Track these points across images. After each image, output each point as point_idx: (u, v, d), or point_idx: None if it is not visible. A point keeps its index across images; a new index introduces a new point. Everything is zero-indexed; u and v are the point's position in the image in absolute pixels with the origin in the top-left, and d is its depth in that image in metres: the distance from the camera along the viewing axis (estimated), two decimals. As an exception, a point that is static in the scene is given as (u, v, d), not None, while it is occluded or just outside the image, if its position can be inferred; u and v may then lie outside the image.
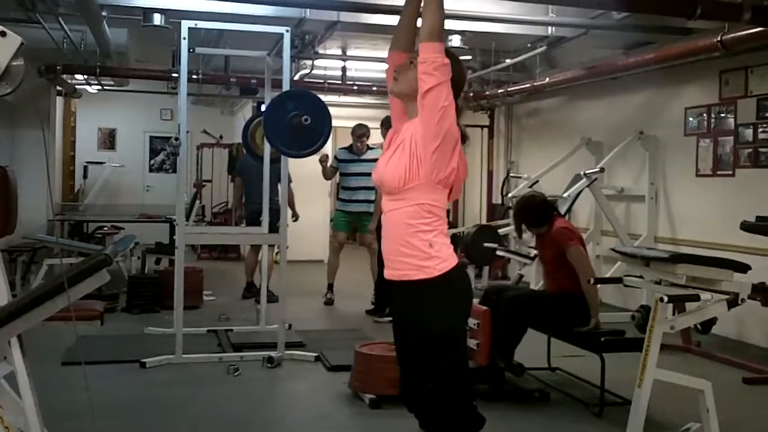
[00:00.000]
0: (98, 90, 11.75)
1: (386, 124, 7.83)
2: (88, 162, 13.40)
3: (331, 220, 8.90)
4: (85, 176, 13.37)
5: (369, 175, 7.43)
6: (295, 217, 8.35)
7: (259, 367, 5.45)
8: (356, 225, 7.98)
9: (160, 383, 5.08)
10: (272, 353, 5.54)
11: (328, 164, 8.00)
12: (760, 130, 6.60)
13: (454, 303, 2.56)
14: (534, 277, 7.70)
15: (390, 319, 7.10)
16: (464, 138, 2.59)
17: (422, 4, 2.56)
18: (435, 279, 2.51)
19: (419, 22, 2.59)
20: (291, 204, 8.10)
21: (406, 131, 2.58)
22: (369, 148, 7.85)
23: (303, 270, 9.95)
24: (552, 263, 5.07)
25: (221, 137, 13.41)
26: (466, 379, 2.60)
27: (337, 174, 8.15)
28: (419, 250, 2.52)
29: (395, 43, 2.77)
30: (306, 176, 9.14)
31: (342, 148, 8.13)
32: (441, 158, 2.49)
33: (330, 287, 8.19)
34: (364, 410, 4.54)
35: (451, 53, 2.54)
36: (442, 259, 2.52)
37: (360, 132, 7.84)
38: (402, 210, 2.54)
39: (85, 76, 10.16)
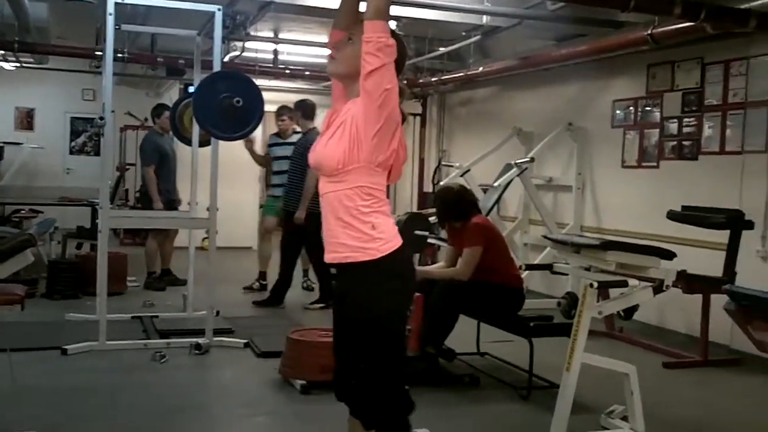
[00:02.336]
0: (16, 67, 11.28)
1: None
2: (4, 143, 12.89)
3: (261, 206, 8.75)
4: (0, 157, 12.89)
5: (293, 159, 7.38)
6: (159, 205, 7.84)
7: (186, 354, 5.36)
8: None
9: (83, 370, 4.94)
10: (200, 340, 5.44)
11: (261, 152, 7.87)
12: (684, 123, 6.78)
13: (397, 284, 2.53)
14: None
15: (321, 306, 7.07)
16: (404, 118, 2.56)
17: None
18: (378, 260, 2.47)
19: (362, 6, 2.51)
20: (151, 191, 7.82)
21: (347, 112, 2.52)
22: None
23: (232, 256, 9.82)
24: None
25: (146, 119, 13.08)
26: (401, 363, 2.58)
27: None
28: (361, 232, 2.48)
29: (337, 22, 2.68)
30: (234, 160, 8.98)
31: (273, 134, 8.03)
32: (381, 141, 2.44)
33: (261, 275, 8.02)
34: (294, 396, 4.51)
35: (396, 34, 2.47)
36: (385, 240, 2.49)
37: (278, 113, 7.78)
38: (341, 192, 2.49)
39: (2, 52, 9.75)
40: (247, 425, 4.14)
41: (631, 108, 7.40)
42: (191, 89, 6.63)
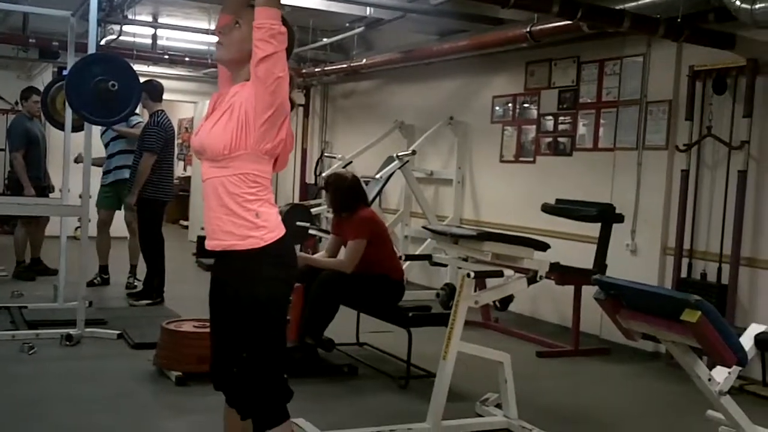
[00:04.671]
0: None
1: None
2: None
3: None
4: None
5: (123, 138, 7.10)
6: (29, 192, 7.44)
7: (56, 346, 5.16)
8: (120, 197, 7.30)
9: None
10: (71, 331, 5.25)
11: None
12: (559, 120, 7.00)
13: (279, 273, 2.50)
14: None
15: (148, 302, 6.79)
16: (292, 106, 2.52)
17: None
18: (262, 248, 2.43)
19: None
20: (21, 177, 7.47)
21: (234, 96, 2.45)
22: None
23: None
24: None
25: (17, 103, 12.46)
26: (281, 351, 2.55)
27: None
28: (245, 219, 2.43)
29: (225, 6, 2.61)
30: (98, 146, 8.66)
31: None
32: (270, 129, 2.40)
33: (102, 269, 7.56)
34: (169, 387, 4.40)
35: (286, 21, 2.42)
36: (270, 229, 2.45)
37: None
38: (225, 178, 2.43)
39: None
40: (120, 417, 4.00)
41: (510, 104, 7.58)
42: (66, 73, 6.34)
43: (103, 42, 8.51)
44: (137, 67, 6.17)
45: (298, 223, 7.42)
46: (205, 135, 2.47)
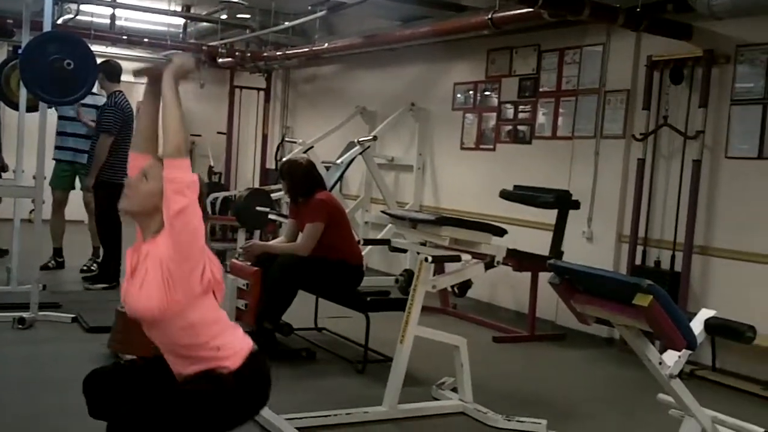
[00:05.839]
0: None
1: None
2: None
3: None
4: None
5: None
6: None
7: (9, 329, 5.08)
8: (74, 177, 7.23)
9: None
10: (24, 314, 5.16)
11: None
12: (519, 108, 7.05)
13: (242, 402, 2.43)
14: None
15: (104, 286, 6.64)
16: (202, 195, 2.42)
17: (162, 115, 2.41)
18: (229, 375, 2.39)
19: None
20: None
21: (150, 255, 2.38)
22: (92, 93, 6.84)
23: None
24: None
25: (-30, 83, 12.21)
26: None
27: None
28: (208, 358, 2.39)
29: (135, 145, 2.60)
30: (53, 128, 8.50)
31: None
32: (194, 275, 2.34)
33: (57, 252, 7.41)
34: (123, 371, 4.34)
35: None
36: (235, 352, 2.42)
37: None
38: (173, 335, 2.39)
39: None
40: (72, 401, 3.94)
41: (471, 91, 7.61)
42: (20, 51, 6.20)
43: (60, 21, 8.36)
44: (95, 48, 6.07)
45: (258, 208, 7.42)
46: (135, 302, 2.39)
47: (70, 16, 8.59)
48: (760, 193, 5.15)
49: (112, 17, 9.57)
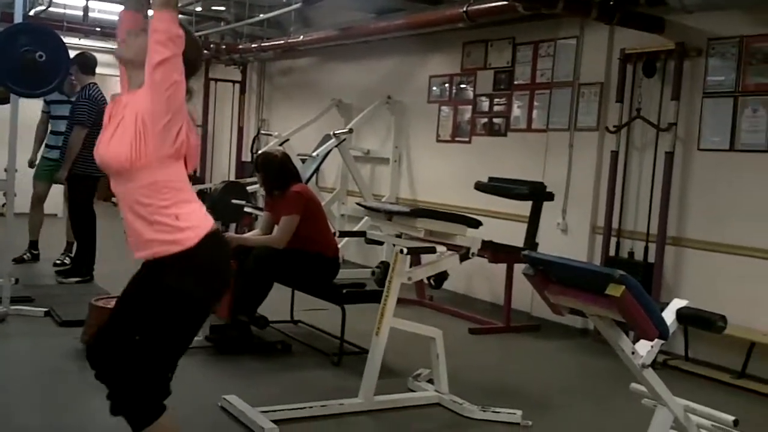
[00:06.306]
0: None
1: None
2: None
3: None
4: None
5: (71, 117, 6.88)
6: None
7: (-21, 324, 5.03)
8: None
9: None
10: (-5, 308, 5.12)
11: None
12: (495, 101, 7.07)
13: (210, 274, 2.46)
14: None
15: (77, 280, 6.57)
16: (189, 92, 2.47)
17: None
18: (192, 249, 2.39)
19: None
20: None
21: (129, 106, 2.41)
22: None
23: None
24: None
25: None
26: (181, 349, 2.48)
27: None
28: (166, 225, 2.38)
29: (128, 3, 2.58)
30: (28, 121, 8.41)
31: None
32: (169, 134, 2.35)
33: (32, 245, 7.31)
34: (97, 365, 4.32)
35: (186, 28, 2.40)
36: (194, 226, 2.41)
37: None
38: (135, 191, 2.39)
39: None
40: (47, 394, 3.92)
41: (447, 84, 7.62)
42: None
43: (32, 13, 8.27)
44: (68, 40, 6.01)
45: (234, 201, 7.39)
46: (105, 150, 2.42)
47: (43, 7, 8.50)
48: (732, 184, 5.21)
49: (85, 9, 9.48)
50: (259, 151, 7.56)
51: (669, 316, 2.97)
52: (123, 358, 2.45)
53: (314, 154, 7.92)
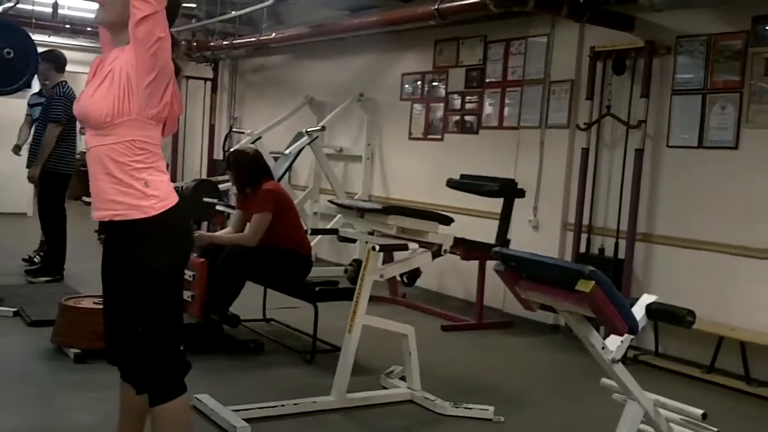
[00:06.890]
0: None
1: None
2: None
3: None
4: None
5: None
6: None
7: (-54, 324, 4.96)
8: None
9: None
10: (-38, 308, 5.05)
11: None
12: (467, 99, 7.09)
13: (172, 243, 2.45)
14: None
15: (47, 279, 6.53)
16: (178, 70, 2.47)
17: None
18: (152, 218, 2.36)
19: None
20: None
21: (115, 60, 2.38)
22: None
23: (4, 223, 9.14)
24: None
25: None
26: (176, 323, 2.50)
27: None
28: (134, 188, 2.36)
29: None
30: (7, 119, 8.33)
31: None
32: (154, 93, 2.34)
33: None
34: (67, 365, 4.29)
35: None
36: (161, 198, 2.39)
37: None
38: (110, 147, 2.35)
39: None
40: (16, 396, 3.88)
41: (419, 82, 7.63)
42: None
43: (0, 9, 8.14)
44: (36, 37, 5.95)
45: (205, 199, 7.35)
46: (87, 101, 2.39)
47: (11, 4, 8.34)
48: (700, 181, 5.27)
49: (55, 6, 9.36)
50: (231, 149, 7.52)
51: (638, 311, 3.00)
52: (138, 352, 2.45)
53: (287, 151, 7.90)
